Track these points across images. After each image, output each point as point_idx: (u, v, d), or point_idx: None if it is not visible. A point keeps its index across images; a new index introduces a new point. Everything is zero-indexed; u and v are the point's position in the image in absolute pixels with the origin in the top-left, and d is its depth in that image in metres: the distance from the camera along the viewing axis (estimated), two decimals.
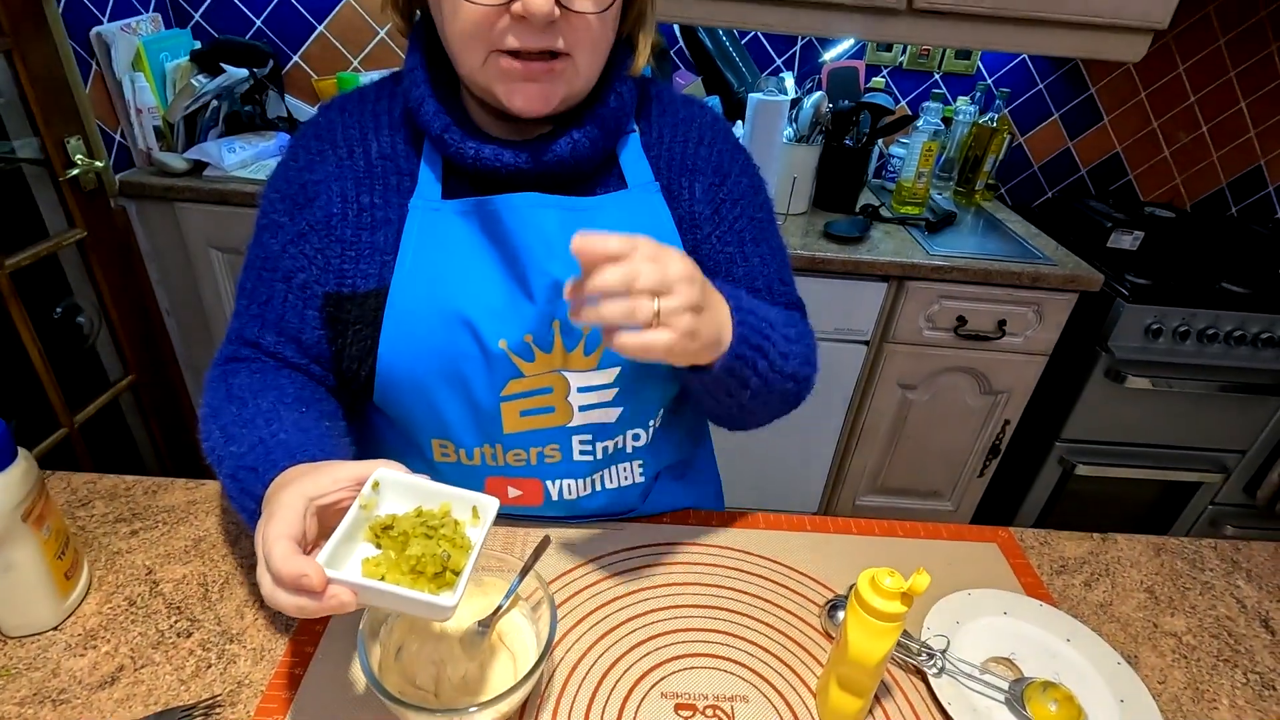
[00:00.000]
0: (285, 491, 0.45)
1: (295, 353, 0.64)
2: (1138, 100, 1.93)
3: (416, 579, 0.45)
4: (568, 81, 0.56)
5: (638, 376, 0.66)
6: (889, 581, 0.51)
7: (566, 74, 0.56)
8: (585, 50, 0.55)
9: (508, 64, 0.54)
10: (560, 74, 0.55)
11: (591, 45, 0.55)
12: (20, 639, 0.58)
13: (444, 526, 0.48)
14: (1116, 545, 0.79)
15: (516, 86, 0.55)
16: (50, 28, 1.34)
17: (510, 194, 0.60)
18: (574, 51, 0.54)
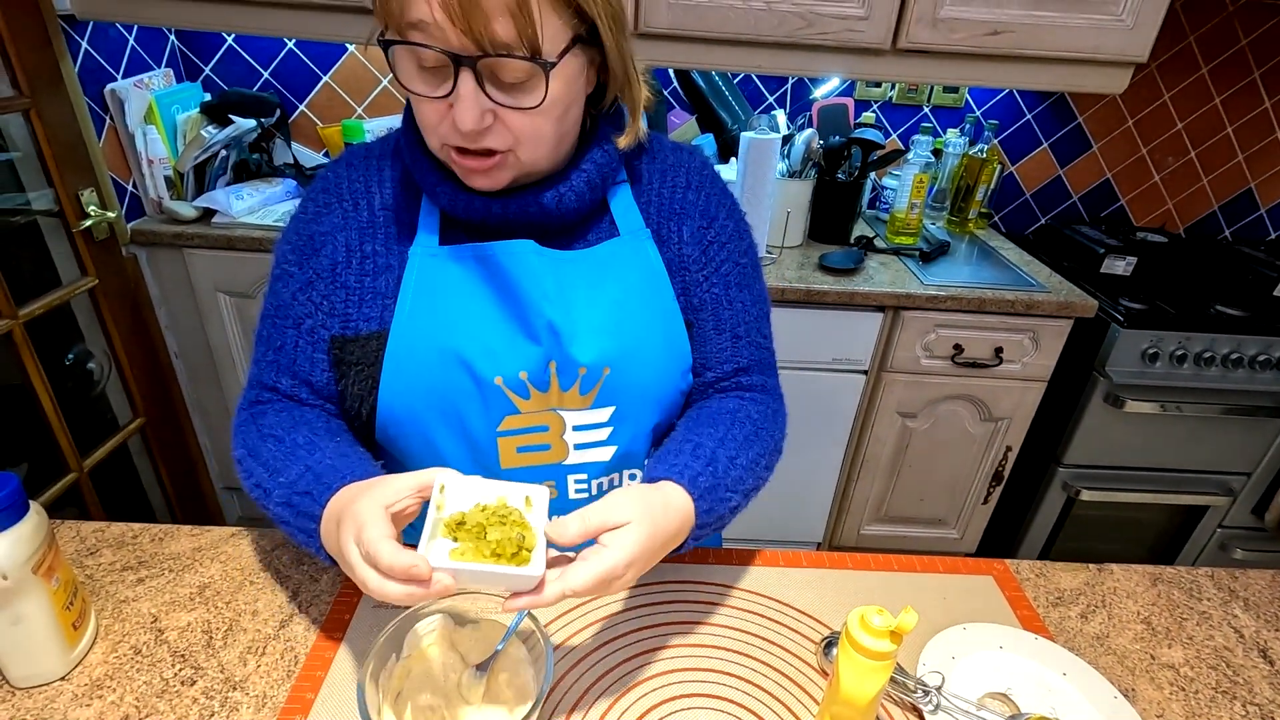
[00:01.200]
0: (358, 504, 0.50)
1: (309, 394, 0.68)
2: (1125, 128, 1.97)
3: (498, 561, 0.50)
4: (512, 168, 0.60)
5: (632, 416, 0.67)
6: (878, 620, 0.52)
7: (509, 163, 0.60)
8: (526, 146, 0.58)
9: (455, 155, 0.59)
10: (503, 164, 0.59)
11: (532, 140, 0.58)
12: (28, 690, 0.59)
13: (510, 514, 0.53)
14: (1113, 575, 0.79)
15: (466, 173, 0.60)
16: (67, 86, 1.39)
17: (506, 240, 0.63)
18: (514, 148, 0.58)
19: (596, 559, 0.50)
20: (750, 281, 0.73)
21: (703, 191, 0.71)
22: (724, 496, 0.60)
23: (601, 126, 0.66)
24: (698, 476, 0.59)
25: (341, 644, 0.65)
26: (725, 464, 0.62)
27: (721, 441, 0.64)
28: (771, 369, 0.75)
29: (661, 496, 0.56)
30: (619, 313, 0.66)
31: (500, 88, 0.55)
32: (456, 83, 0.53)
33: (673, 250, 0.70)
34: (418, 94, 0.56)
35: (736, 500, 0.63)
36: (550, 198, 0.63)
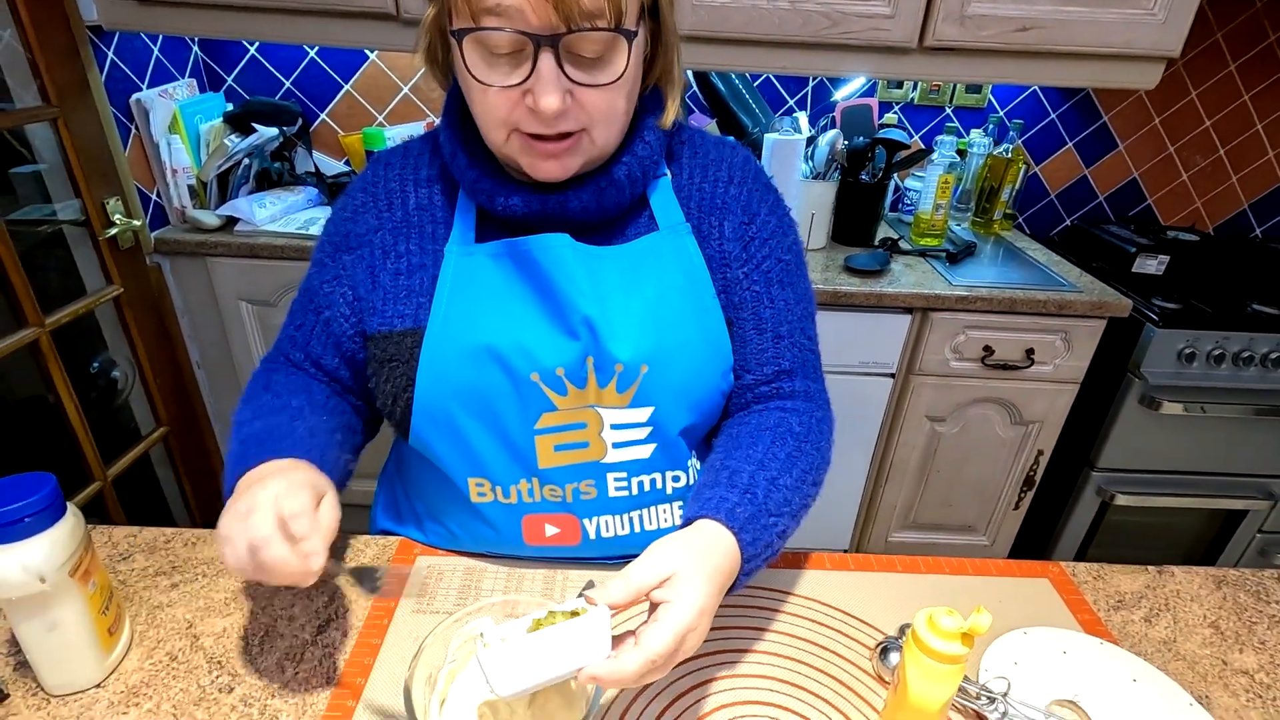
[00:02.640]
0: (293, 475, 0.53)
1: (317, 372, 0.70)
2: (1152, 126, 1.94)
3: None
4: (584, 152, 0.59)
5: (672, 416, 0.65)
6: (948, 621, 0.49)
7: (583, 146, 0.59)
8: (600, 125, 0.58)
9: (526, 142, 0.57)
10: (577, 147, 0.58)
11: (606, 119, 0.57)
12: (64, 698, 0.57)
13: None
14: (1174, 578, 0.76)
15: (536, 161, 0.58)
16: (94, 96, 1.40)
17: (542, 234, 0.62)
18: (589, 128, 0.57)
19: (666, 616, 0.46)
20: (794, 280, 0.70)
21: (745, 186, 0.69)
22: (768, 523, 0.57)
23: (643, 118, 0.64)
24: (736, 508, 0.55)
25: (380, 650, 0.63)
26: (765, 488, 0.58)
27: (761, 464, 0.60)
28: (816, 372, 0.72)
29: (701, 538, 0.52)
30: (657, 309, 0.64)
31: (578, 66, 0.54)
32: (536, 64, 0.52)
33: (713, 246, 0.68)
34: (489, 84, 0.54)
35: (784, 524, 0.58)
36: (591, 193, 0.62)
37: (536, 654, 0.45)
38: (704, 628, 0.48)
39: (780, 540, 0.58)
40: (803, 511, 0.62)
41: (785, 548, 0.73)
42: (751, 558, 0.54)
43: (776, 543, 0.58)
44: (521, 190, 0.62)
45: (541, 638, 0.46)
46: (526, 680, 0.45)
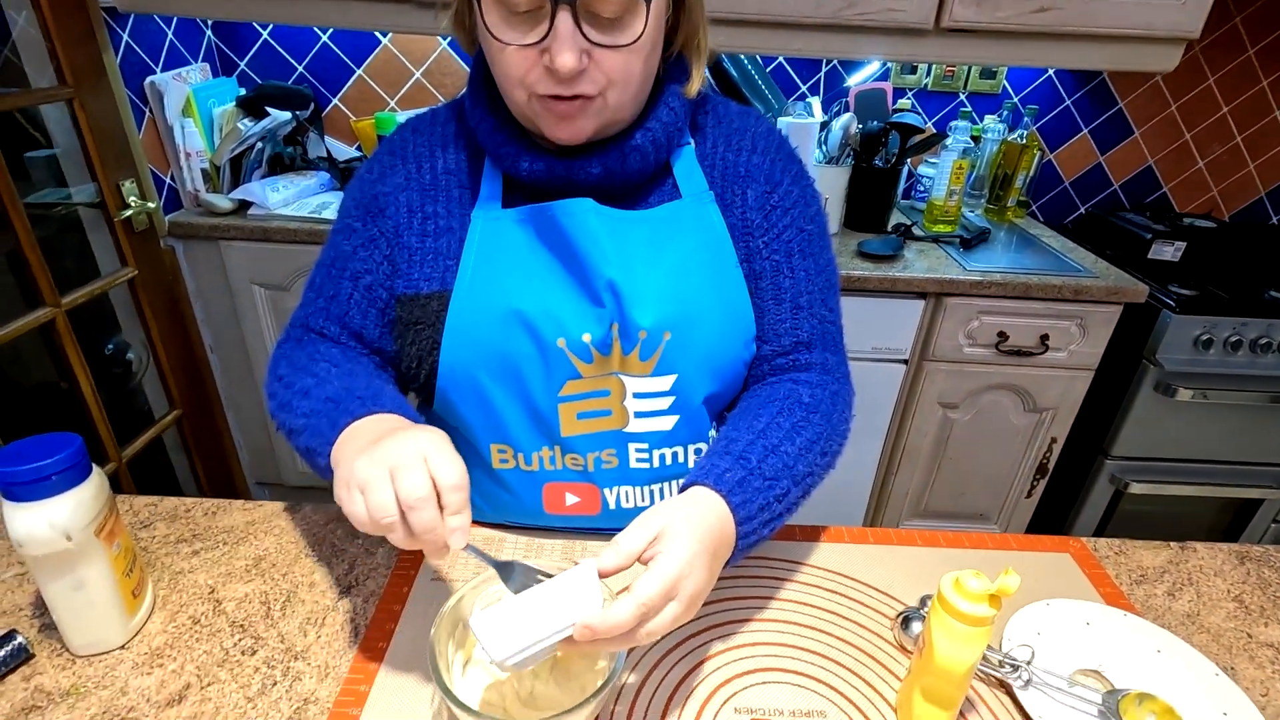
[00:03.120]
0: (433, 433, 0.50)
1: (359, 345, 0.68)
2: (1168, 113, 1.92)
3: None
4: (600, 116, 0.59)
5: (694, 385, 0.65)
6: (975, 583, 0.49)
7: (598, 109, 0.58)
8: (617, 88, 0.57)
9: (544, 104, 0.57)
10: (592, 110, 0.58)
11: (623, 82, 0.57)
12: (88, 658, 0.58)
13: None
14: (1197, 554, 0.76)
15: (553, 122, 0.58)
16: (109, 78, 1.40)
17: (566, 200, 0.62)
18: (606, 90, 0.57)
19: (656, 565, 0.46)
20: (815, 250, 0.70)
21: (768, 155, 0.68)
22: (761, 486, 0.56)
23: (667, 85, 0.64)
24: (726, 473, 0.55)
25: (401, 616, 0.63)
26: (761, 454, 0.58)
27: (762, 433, 0.60)
28: (834, 345, 0.71)
29: (690, 501, 0.52)
30: (680, 276, 0.64)
31: (596, 26, 0.54)
32: (554, 23, 0.52)
33: (736, 215, 0.67)
34: (507, 43, 0.54)
35: (784, 487, 0.58)
36: (615, 157, 0.62)
37: (527, 615, 0.45)
38: (699, 578, 0.47)
39: (781, 504, 0.57)
40: (810, 479, 0.61)
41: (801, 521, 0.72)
42: (746, 519, 0.54)
43: (775, 506, 0.57)
44: (545, 155, 0.62)
45: (530, 597, 0.46)
46: (521, 643, 0.44)
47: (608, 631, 0.43)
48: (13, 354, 1.37)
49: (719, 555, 0.51)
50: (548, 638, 0.44)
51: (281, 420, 0.63)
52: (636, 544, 0.47)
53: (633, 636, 0.45)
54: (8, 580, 0.65)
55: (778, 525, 0.58)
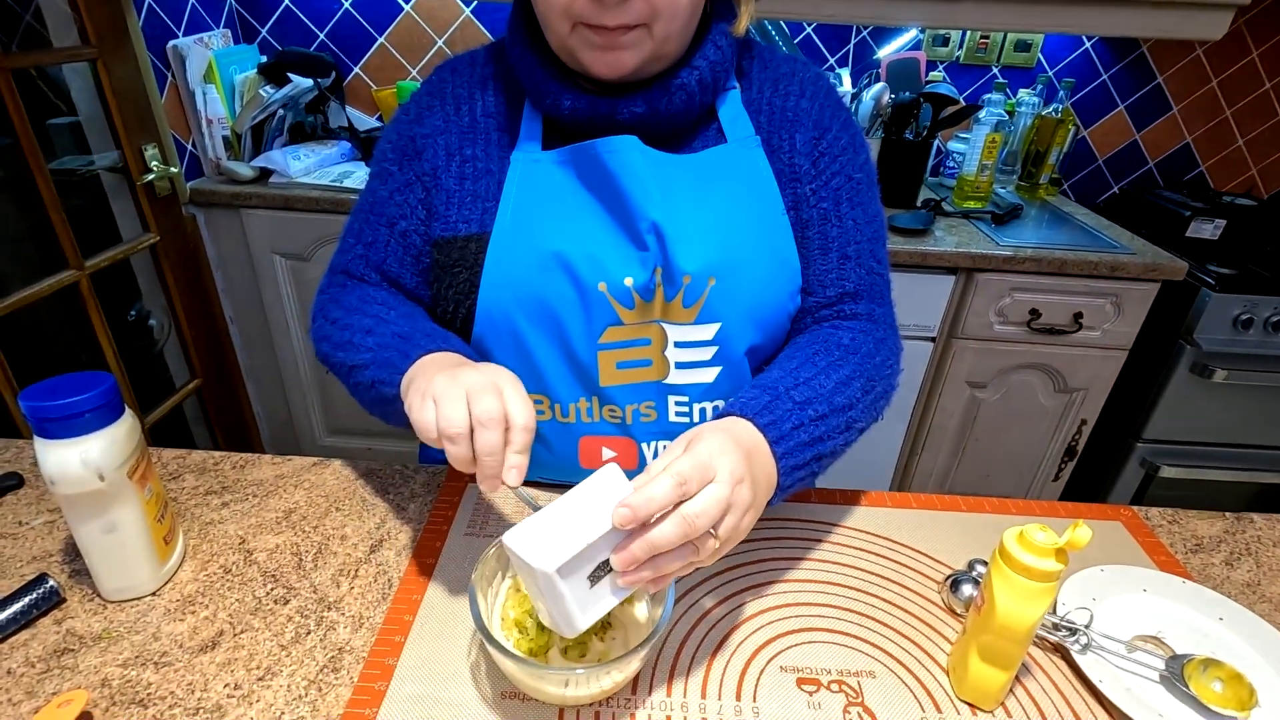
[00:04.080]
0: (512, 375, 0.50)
1: (397, 291, 0.67)
2: (1208, 88, 1.86)
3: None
4: (644, 49, 0.56)
5: (738, 335, 0.63)
6: (1041, 537, 0.47)
7: (642, 42, 0.56)
8: (663, 19, 0.55)
9: (587, 34, 0.55)
10: (636, 42, 0.56)
11: (670, 12, 0.55)
12: (120, 603, 0.57)
13: None
14: (1254, 524, 0.73)
15: (597, 54, 0.56)
16: (131, 40, 1.38)
17: (610, 137, 0.59)
18: (651, 22, 0.55)
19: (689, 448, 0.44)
20: (864, 200, 0.67)
21: (817, 100, 0.66)
22: (791, 408, 0.53)
23: (714, 24, 0.61)
24: (749, 400, 0.53)
25: (435, 569, 0.61)
26: (790, 382, 0.55)
27: (793, 371, 0.57)
28: (882, 297, 0.69)
29: (706, 424, 0.50)
30: (726, 221, 0.62)
31: None
32: None
33: (783, 160, 0.65)
34: None
35: (819, 410, 0.54)
36: (660, 96, 0.60)
37: (562, 523, 0.43)
38: (734, 461, 0.44)
39: (819, 427, 0.54)
40: (851, 411, 0.57)
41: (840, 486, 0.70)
42: (779, 439, 0.51)
43: (812, 428, 0.53)
44: (588, 93, 0.59)
45: (559, 507, 0.44)
46: (565, 549, 0.41)
47: (645, 505, 0.40)
48: (37, 318, 1.37)
49: (759, 463, 0.48)
50: (587, 533, 0.42)
51: (340, 359, 0.62)
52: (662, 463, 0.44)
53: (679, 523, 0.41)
54: (38, 527, 0.64)
55: (824, 451, 0.54)
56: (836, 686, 0.53)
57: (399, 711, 0.49)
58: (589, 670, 0.46)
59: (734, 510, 0.44)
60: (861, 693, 0.53)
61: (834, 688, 0.53)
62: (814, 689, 0.53)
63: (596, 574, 0.44)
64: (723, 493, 0.43)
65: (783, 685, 0.53)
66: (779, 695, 0.52)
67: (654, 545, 0.41)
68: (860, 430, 0.59)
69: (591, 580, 0.43)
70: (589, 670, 0.46)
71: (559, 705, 0.50)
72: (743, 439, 0.48)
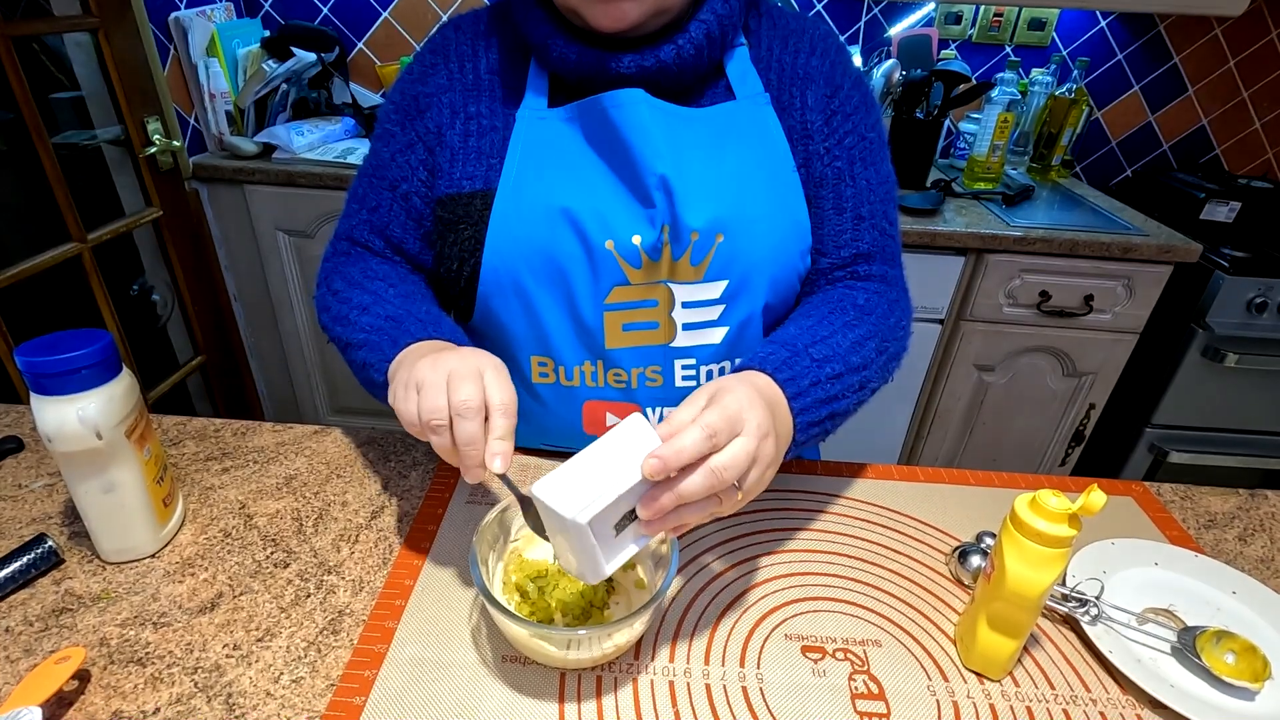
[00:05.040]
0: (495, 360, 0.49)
1: (402, 260, 0.67)
2: (1226, 69, 1.83)
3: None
4: (645, 2, 0.55)
5: (746, 294, 0.62)
6: (1055, 502, 0.46)
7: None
8: None
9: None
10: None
11: None
12: (119, 565, 0.56)
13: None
14: (1268, 501, 0.72)
15: (600, 6, 0.54)
16: (134, 11, 1.37)
17: (617, 90, 0.58)
18: None
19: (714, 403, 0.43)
20: (877, 160, 0.66)
21: (828, 58, 0.64)
22: (808, 365, 0.53)
23: None
24: (769, 355, 0.52)
25: (436, 536, 0.61)
26: (807, 340, 0.55)
27: (810, 328, 0.57)
28: (893, 259, 0.68)
29: (729, 376, 0.49)
30: (736, 176, 0.61)
31: None
32: None
33: (794, 118, 0.63)
34: None
35: (834, 368, 0.54)
36: (668, 50, 0.58)
37: (591, 473, 0.42)
38: (760, 415, 0.44)
39: (836, 385, 0.54)
40: (866, 372, 0.57)
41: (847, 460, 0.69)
42: (798, 394, 0.51)
43: (829, 386, 0.53)
44: (595, 48, 0.58)
45: (587, 457, 0.43)
46: (597, 500, 0.40)
47: (675, 457, 0.40)
48: (39, 291, 1.36)
49: (779, 418, 0.48)
50: (617, 485, 0.41)
51: (338, 333, 0.61)
52: (689, 413, 0.43)
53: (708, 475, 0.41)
54: (37, 490, 0.63)
55: (838, 410, 0.54)
56: (842, 655, 0.52)
57: (399, 673, 0.48)
58: (591, 632, 0.45)
59: (759, 464, 0.44)
60: (867, 661, 0.52)
61: (839, 656, 0.52)
62: (819, 656, 0.52)
63: (621, 523, 0.43)
64: (750, 446, 0.42)
65: (787, 653, 0.52)
66: (783, 662, 0.51)
67: (682, 496, 0.41)
68: (873, 390, 0.59)
69: (617, 529, 0.43)
70: (591, 632, 0.45)
71: (561, 668, 0.49)
72: (766, 393, 0.48)
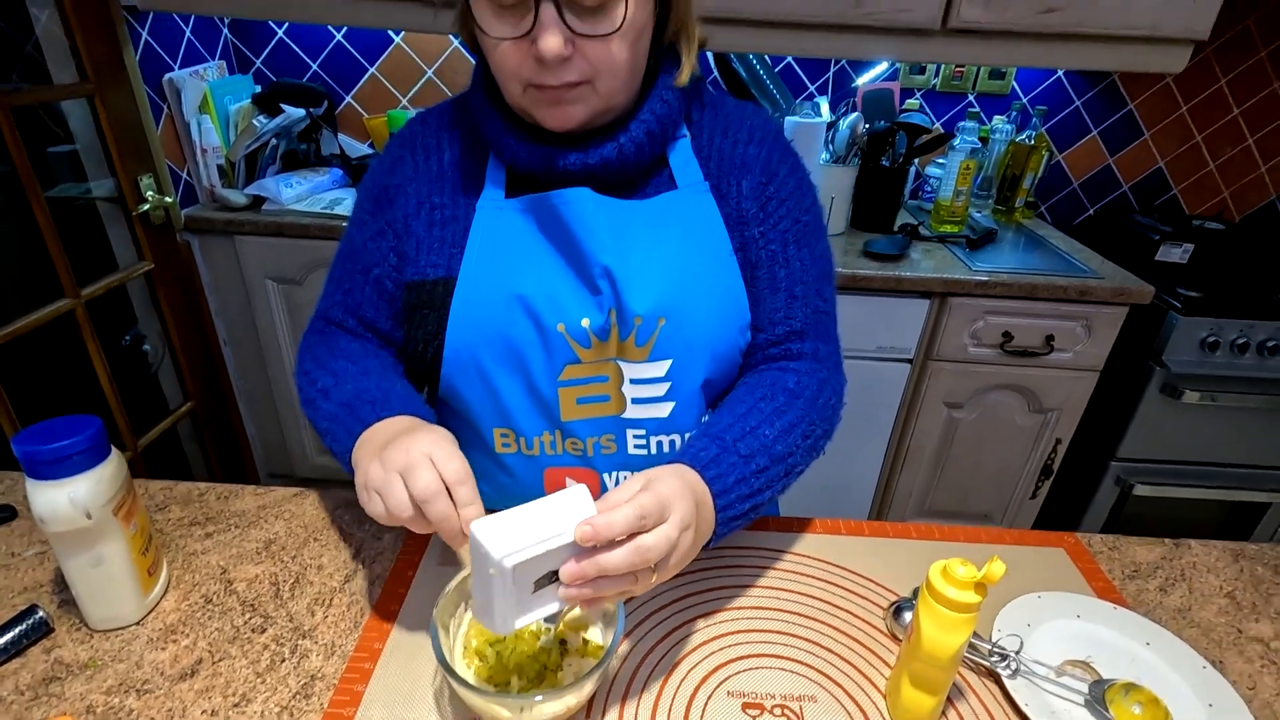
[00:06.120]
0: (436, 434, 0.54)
1: (374, 337, 0.72)
2: (1179, 114, 1.92)
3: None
4: (590, 103, 0.61)
5: (690, 371, 0.67)
6: (962, 571, 0.50)
7: (588, 97, 0.60)
8: (604, 76, 0.59)
9: (536, 94, 0.60)
10: (581, 97, 0.60)
11: (610, 70, 0.59)
12: (105, 632, 0.60)
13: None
14: (1191, 551, 0.76)
15: (547, 110, 0.61)
16: (129, 74, 1.43)
17: (565, 189, 0.64)
18: (593, 79, 0.59)
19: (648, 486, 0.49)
20: (811, 241, 0.71)
21: (764, 146, 0.70)
22: (736, 462, 0.58)
23: (660, 77, 0.66)
24: (700, 451, 0.58)
25: (406, 598, 0.65)
26: (738, 433, 0.60)
27: (742, 416, 0.62)
28: (827, 334, 0.73)
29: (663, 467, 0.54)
30: (675, 264, 0.66)
31: (578, 15, 0.56)
32: (538, 14, 0.54)
33: (731, 205, 0.69)
34: (498, 37, 0.57)
35: (761, 463, 0.60)
36: (611, 148, 0.64)
37: (528, 525, 0.46)
38: (687, 507, 0.50)
39: (759, 480, 0.59)
40: (791, 459, 0.63)
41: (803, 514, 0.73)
42: (723, 492, 0.57)
43: (753, 481, 0.59)
44: (544, 145, 0.64)
45: (527, 510, 0.48)
46: (526, 549, 0.45)
47: (608, 528, 0.45)
48: (34, 343, 1.40)
49: (703, 514, 0.53)
50: (548, 540, 0.46)
51: (310, 416, 0.67)
52: (625, 494, 0.49)
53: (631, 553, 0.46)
54: (29, 558, 0.67)
55: (760, 501, 0.60)
56: (779, 710, 0.56)
57: None
58: (544, 695, 0.49)
59: (676, 551, 0.49)
60: (803, 716, 0.56)
61: (777, 711, 0.56)
62: (757, 713, 0.56)
63: (541, 582, 0.47)
64: (673, 533, 0.48)
65: (729, 710, 0.56)
66: (725, 719, 0.55)
67: (603, 567, 0.46)
68: (798, 473, 0.64)
69: (535, 586, 0.47)
70: (544, 695, 0.49)
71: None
72: (694, 488, 0.53)
